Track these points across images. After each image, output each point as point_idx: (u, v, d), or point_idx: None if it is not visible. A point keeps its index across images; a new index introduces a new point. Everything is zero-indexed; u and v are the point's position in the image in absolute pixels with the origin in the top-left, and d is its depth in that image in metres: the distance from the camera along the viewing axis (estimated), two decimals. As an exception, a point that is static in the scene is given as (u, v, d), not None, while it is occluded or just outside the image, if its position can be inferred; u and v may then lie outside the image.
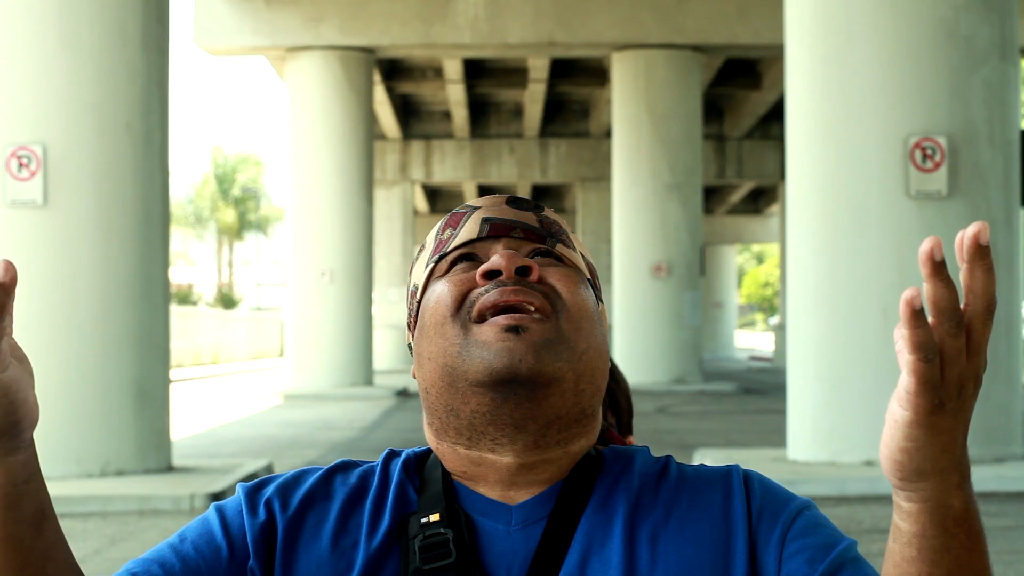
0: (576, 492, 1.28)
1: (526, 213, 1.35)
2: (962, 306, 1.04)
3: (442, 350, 1.26)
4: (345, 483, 1.32)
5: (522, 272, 1.28)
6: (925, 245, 1.02)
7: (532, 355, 1.23)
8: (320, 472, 1.34)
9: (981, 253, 1.02)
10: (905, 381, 1.04)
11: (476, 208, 1.35)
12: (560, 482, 1.29)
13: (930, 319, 1.03)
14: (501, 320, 1.24)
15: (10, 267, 1.03)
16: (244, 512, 1.29)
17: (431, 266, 1.33)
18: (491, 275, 1.27)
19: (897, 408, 1.06)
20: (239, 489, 1.32)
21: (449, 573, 1.22)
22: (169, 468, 10.68)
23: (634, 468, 1.32)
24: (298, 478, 1.33)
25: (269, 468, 11.34)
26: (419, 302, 1.33)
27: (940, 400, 1.04)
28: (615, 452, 1.34)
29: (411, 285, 1.36)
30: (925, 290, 1.03)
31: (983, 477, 9.48)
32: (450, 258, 1.32)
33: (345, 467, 1.35)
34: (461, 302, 1.27)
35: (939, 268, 1.02)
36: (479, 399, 1.25)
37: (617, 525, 1.26)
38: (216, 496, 9.41)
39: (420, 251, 1.38)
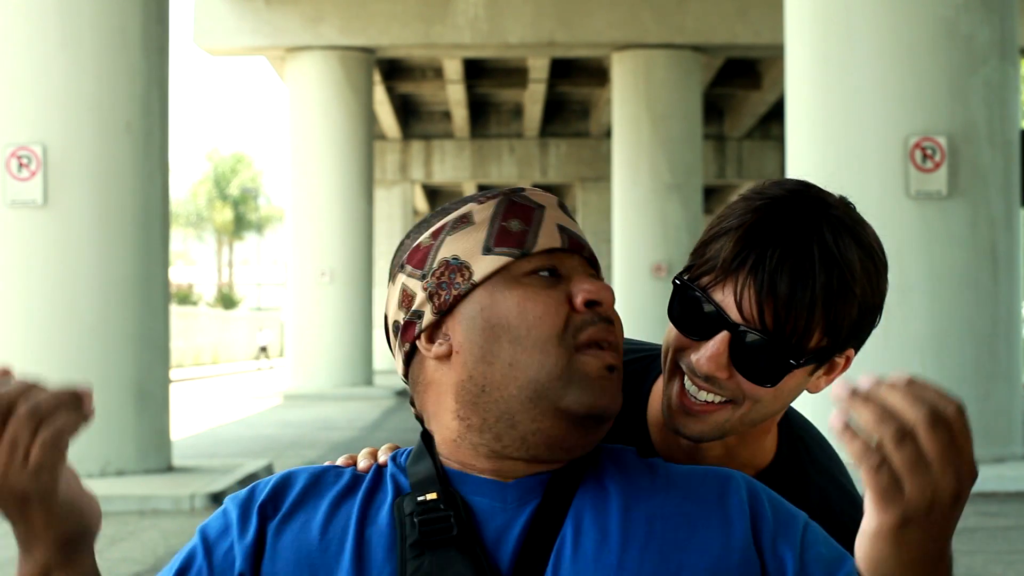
0: (571, 469, 1.29)
1: (576, 225, 1.36)
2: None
3: (539, 365, 1.26)
4: (338, 480, 1.33)
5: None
6: (832, 420, 1.01)
7: (620, 396, 1.29)
8: (313, 471, 1.34)
9: (863, 402, 1.01)
10: (867, 494, 1.03)
11: (541, 206, 1.33)
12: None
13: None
14: (608, 358, 1.28)
15: (90, 397, 1.13)
16: (235, 530, 1.29)
17: (510, 260, 1.29)
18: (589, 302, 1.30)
19: (865, 519, 1.05)
20: (232, 509, 1.32)
21: (450, 547, 1.23)
22: (169, 468, 10.68)
23: (627, 455, 1.34)
24: (289, 478, 1.33)
25: (269, 468, 11.34)
26: (473, 283, 1.29)
27: (905, 517, 1.02)
28: (606, 445, 1.36)
29: (451, 257, 1.30)
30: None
31: (983, 477, 9.45)
32: (534, 264, 1.30)
33: (338, 467, 1.37)
34: (566, 324, 1.28)
35: (850, 401, 1.01)
36: (555, 423, 1.26)
37: (613, 501, 1.27)
38: (216, 496, 9.42)
39: (460, 222, 1.32)
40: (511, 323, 1.26)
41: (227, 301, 60.61)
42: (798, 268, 1.41)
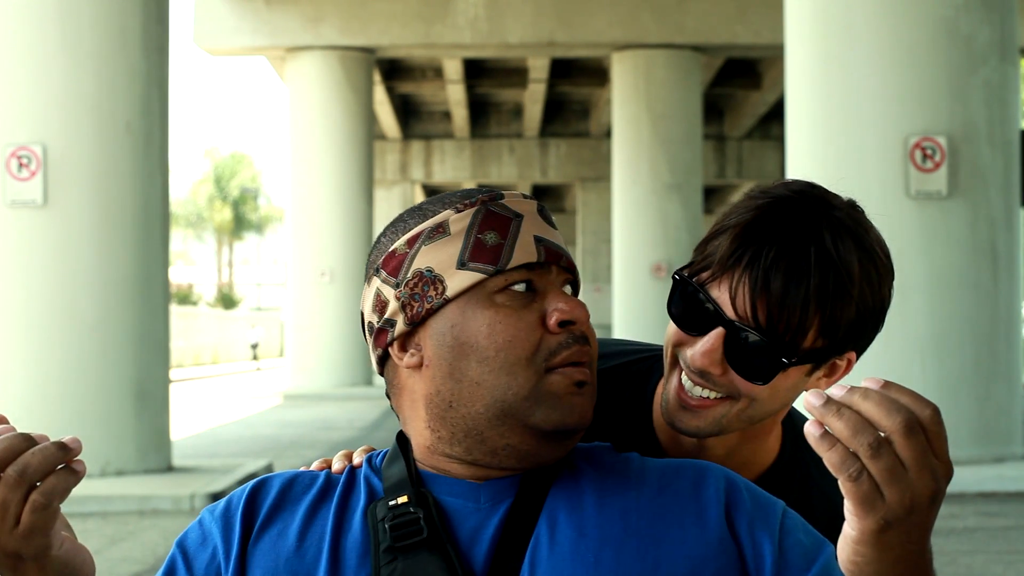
0: (545, 469, 1.30)
1: (555, 232, 1.34)
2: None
3: (505, 386, 1.26)
4: (312, 485, 1.34)
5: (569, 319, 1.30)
6: (809, 427, 1.02)
7: (591, 411, 1.29)
8: (286, 476, 1.34)
9: (834, 411, 1.01)
10: (846, 501, 1.04)
11: (519, 215, 1.31)
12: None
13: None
14: (577, 375, 1.27)
15: (78, 449, 1.13)
16: (217, 542, 1.30)
17: (484, 276, 1.28)
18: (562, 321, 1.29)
19: (846, 524, 1.05)
20: (210, 520, 1.32)
21: (421, 549, 1.23)
22: (169, 468, 10.69)
23: (601, 452, 1.35)
24: (263, 486, 1.33)
25: (269, 468, 11.34)
26: (445, 298, 1.28)
27: (886, 521, 1.03)
28: (580, 444, 1.37)
29: (425, 269, 1.29)
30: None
31: (983, 477, 9.48)
32: (508, 279, 1.28)
33: (311, 471, 1.38)
34: (537, 347, 1.27)
35: (823, 411, 1.02)
36: (523, 439, 1.27)
37: (588, 498, 1.28)
38: (216, 496, 9.41)
39: (436, 232, 1.30)
40: (480, 344, 1.26)
41: (227, 301, 60.62)
42: (792, 267, 1.42)
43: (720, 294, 1.46)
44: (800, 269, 1.42)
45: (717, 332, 1.45)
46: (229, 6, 22.43)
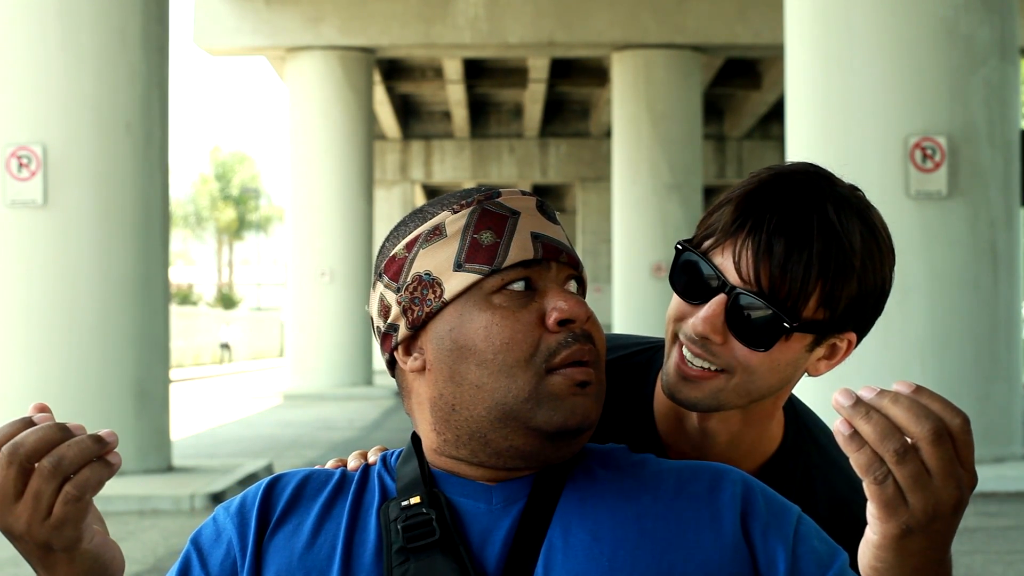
0: (557, 471, 1.29)
1: (556, 227, 1.33)
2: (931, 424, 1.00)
3: (505, 389, 1.25)
4: (327, 483, 1.34)
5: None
6: (838, 426, 1.01)
7: (595, 411, 1.27)
8: (302, 474, 1.34)
9: (862, 414, 1.00)
10: (870, 504, 1.03)
11: (515, 213, 1.30)
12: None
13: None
14: (578, 375, 1.26)
15: (114, 443, 1.16)
16: (233, 539, 1.30)
17: (479, 277, 1.27)
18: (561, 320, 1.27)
19: (868, 528, 1.05)
20: (224, 518, 1.32)
21: (433, 551, 1.23)
22: (169, 468, 10.69)
23: (618, 454, 1.34)
24: (278, 483, 1.33)
25: (269, 468, 11.34)
26: (444, 301, 1.27)
27: (908, 527, 1.02)
28: (595, 446, 1.36)
29: (423, 272, 1.29)
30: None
31: (983, 477, 9.48)
32: (505, 278, 1.27)
33: (327, 469, 1.38)
34: (536, 348, 1.26)
35: (851, 412, 1.01)
36: (527, 440, 1.26)
37: (602, 502, 1.27)
38: (216, 496, 9.42)
39: (433, 234, 1.29)
40: (477, 346, 1.25)
41: (227, 301, 60.63)
42: (795, 233, 1.43)
43: (723, 261, 1.46)
44: (803, 236, 1.43)
45: (719, 298, 1.45)
46: (229, 6, 22.43)
